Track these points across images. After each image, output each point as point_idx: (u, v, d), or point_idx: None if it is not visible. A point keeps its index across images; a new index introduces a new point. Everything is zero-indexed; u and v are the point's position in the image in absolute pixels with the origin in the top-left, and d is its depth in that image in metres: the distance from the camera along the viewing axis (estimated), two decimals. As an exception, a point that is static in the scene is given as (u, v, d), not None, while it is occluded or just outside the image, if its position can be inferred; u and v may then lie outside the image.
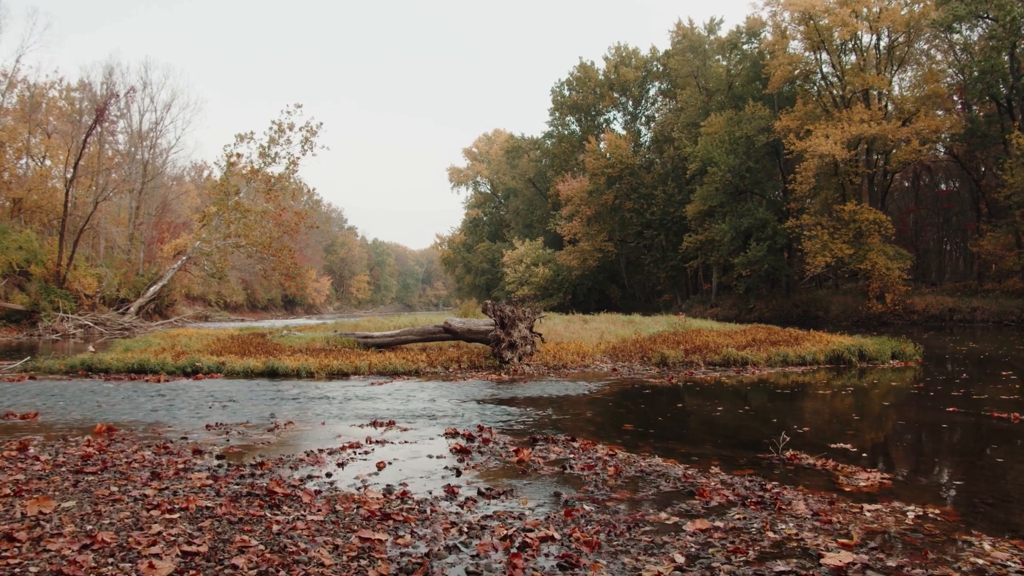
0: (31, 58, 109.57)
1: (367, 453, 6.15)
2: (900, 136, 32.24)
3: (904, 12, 33.58)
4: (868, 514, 4.42)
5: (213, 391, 10.28)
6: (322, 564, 3.43)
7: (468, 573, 3.37)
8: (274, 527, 3.96)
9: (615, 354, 14.22)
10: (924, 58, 38.22)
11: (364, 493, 4.80)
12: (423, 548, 3.70)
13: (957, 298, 32.42)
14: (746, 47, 43.46)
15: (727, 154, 36.92)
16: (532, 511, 4.42)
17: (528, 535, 3.88)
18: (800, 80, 38.40)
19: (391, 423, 7.60)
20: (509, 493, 4.83)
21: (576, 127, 55.78)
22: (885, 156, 34.78)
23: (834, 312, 35.06)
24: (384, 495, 4.74)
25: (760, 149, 37.52)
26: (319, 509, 4.36)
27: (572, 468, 5.57)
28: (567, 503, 4.62)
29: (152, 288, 33.52)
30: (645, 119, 54.36)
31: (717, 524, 4.16)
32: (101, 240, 40.52)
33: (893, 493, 5.00)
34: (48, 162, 38.63)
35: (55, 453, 5.99)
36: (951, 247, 45.55)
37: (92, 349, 16.82)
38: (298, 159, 32.18)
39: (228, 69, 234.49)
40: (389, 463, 5.76)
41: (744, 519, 4.29)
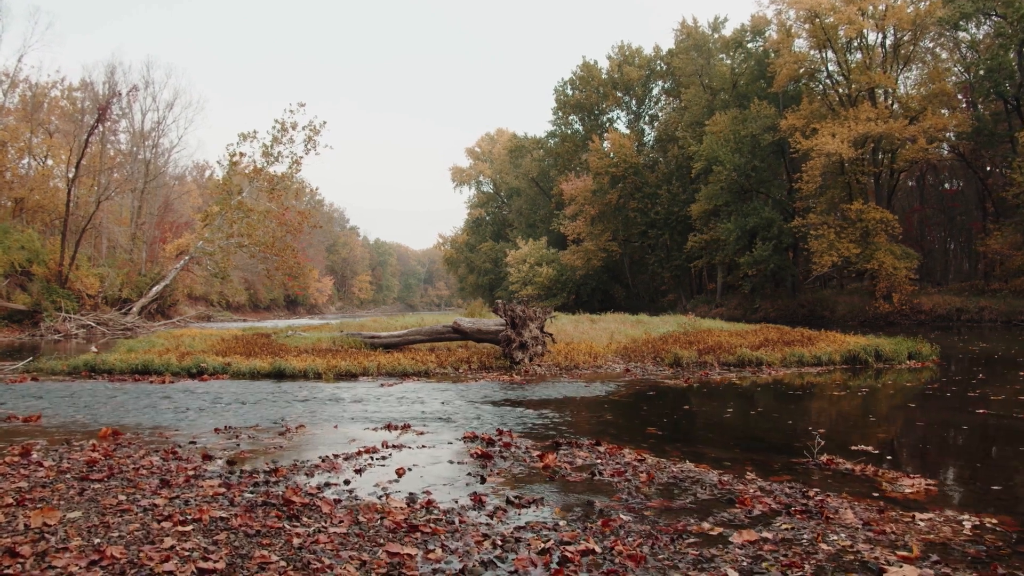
0: (33, 57, 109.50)
1: (384, 458, 5.90)
2: (907, 135, 31.95)
3: (910, 10, 33.24)
4: (921, 523, 4.17)
5: (220, 393, 10.03)
6: (350, 582, 3.18)
7: (508, 592, 3.12)
8: (295, 540, 3.71)
9: (627, 355, 13.98)
10: (930, 56, 37.92)
11: (387, 502, 4.54)
12: (456, 564, 3.45)
13: (964, 298, 32.14)
14: (751, 45, 43.13)
15: (732, 153, 36.59)
16: (567, 522, 4.17)
17: (567, 548, 3.63)
18: (805, 79, 38.07)
19: (406, 426, 7.35)
20: (539, 502, 4.58)
21: (579, 126, 55.46)
22: (891, 155, 34.47)
23: (840, 312, 34.75)
24: (408, 504, 4.49)
25: (765, 148, 37.21)
26: (341, 520, 4.10)
27: (601, 474, 5.31)
28: (602, 512, 4.36)
29: (155, 288, 33.26)
30: (649, 118, 54.07)
31: (765, 535, 3.91)
32: (103, 240, 40.31)
33: (942, 500, 4.76)
34: (50, 162, 38.42)
35: (59, 458, 5.74)
36: (955, 247, 45.28)
37: (95, 349, 16.59)
38: (301, 158, 31.91)
39: (228, 69, 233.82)
40: (409, 469, 5.51)
41: (792, 529, 4.04)
